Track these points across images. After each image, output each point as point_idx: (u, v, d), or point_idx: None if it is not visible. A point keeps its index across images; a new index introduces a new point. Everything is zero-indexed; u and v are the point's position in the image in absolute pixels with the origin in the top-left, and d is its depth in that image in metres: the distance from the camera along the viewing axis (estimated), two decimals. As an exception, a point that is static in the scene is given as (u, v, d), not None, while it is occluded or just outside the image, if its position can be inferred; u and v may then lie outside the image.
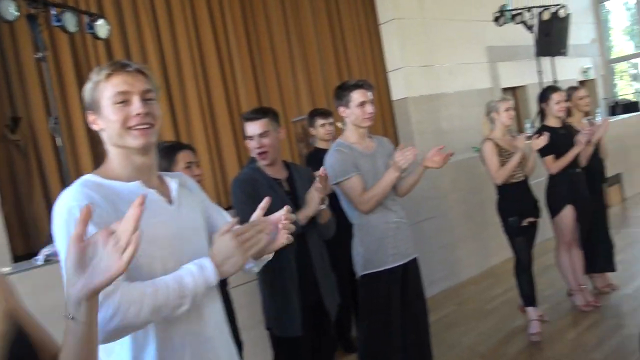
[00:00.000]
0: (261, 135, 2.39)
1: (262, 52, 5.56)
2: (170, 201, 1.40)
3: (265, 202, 1.43)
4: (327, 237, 2.56)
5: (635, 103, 9.78)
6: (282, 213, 1.42)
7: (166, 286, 1.22)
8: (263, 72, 5.55)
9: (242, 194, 2.36)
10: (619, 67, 11.98)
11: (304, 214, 2.32)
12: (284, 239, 1.42)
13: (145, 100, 1.32)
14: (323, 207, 2.36)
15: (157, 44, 4.74)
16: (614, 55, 11.76)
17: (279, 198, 2.33)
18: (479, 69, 7.60)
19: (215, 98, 5.11)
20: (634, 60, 11.67)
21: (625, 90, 11.87)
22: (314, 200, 2.32)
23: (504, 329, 3.91)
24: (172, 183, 1.45)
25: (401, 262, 2.69)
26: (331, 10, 6.25)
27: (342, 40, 6.33)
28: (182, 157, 2.40)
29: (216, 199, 4.84)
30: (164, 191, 1.42)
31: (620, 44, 12.08)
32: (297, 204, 2.36)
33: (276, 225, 1.41)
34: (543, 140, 3.63)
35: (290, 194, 2.41)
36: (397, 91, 6.72)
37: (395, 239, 2.69)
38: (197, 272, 1.25)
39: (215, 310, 1.42)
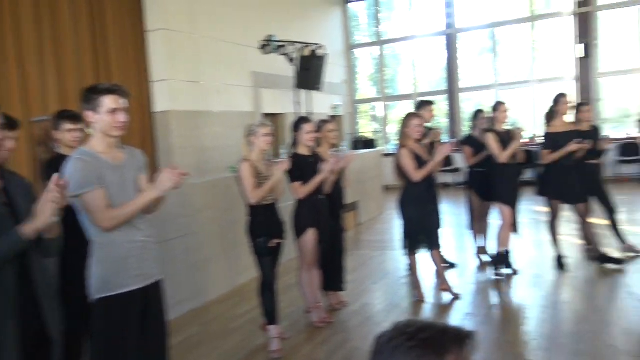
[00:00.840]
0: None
1: (3, 39, 4.84)
2: None
3: None
4: (52, 255, 2.26)
5: (372, 141, 11.26)
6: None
7: None
8: (2, 62, 4.82)
9: None
10: (362, 107, 13.76)
11: (33, 227, 1.99)
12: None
13: None
14: (55, 219, 2.08)
15: None
16: (359, 97, 13.48)
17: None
18: (243, 92, 7.85)
19: None
20: (374, 103, 13.53)
21: (365, 129, 13.65)
22: (46, 212, 2.02)
23: (246, 347, 4.00)
24: None
25: (143, 284, 2.52)
26: (93, 7, 5.78)
27: (103, 41, 5.89)
28: None
29: None
30: None
31: (365, 88, 13.92)
32: (17, 218, 2.03)
33: None
34: (285, 164, 3.85)
35: (8, 206, 2.07)
36: (160, 103, 6.50)
37: (139, 260, 2.51)
38: None
39: None
